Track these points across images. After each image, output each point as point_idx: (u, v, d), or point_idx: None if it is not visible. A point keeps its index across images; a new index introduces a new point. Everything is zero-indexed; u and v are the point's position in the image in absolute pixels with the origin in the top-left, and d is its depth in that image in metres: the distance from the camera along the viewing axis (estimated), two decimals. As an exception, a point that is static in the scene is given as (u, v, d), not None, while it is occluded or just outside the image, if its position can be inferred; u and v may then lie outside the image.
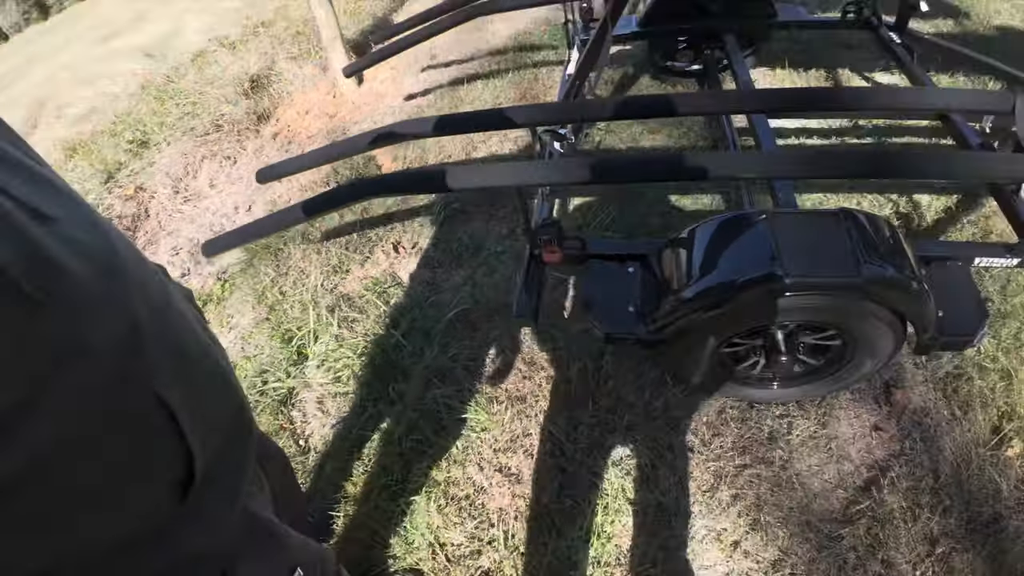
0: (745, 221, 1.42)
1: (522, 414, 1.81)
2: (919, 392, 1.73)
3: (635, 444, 1.68)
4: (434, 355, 1.98)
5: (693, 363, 1.59)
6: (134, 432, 0.52)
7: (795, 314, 1.37)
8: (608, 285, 1.65)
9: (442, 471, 1.70)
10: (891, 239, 1.34)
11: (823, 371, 1.61)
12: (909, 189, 2.27)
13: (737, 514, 1.56)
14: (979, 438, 1.63)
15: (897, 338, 1.40)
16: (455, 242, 2.43)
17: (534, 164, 1.69)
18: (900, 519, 1.50)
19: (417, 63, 3.62)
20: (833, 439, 1.66)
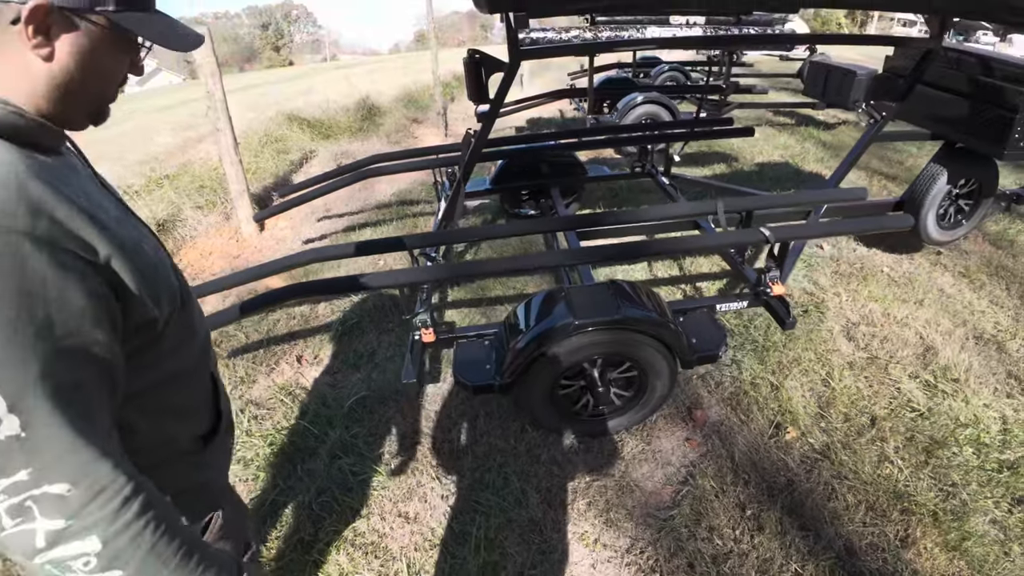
0: (551, 295, 2.08)
1: (415, 470, 2.16)
2: (713, 409, 2.37)
3: (507, 477, 2.09)
4: (338, 435, 2.30)
5: (539, 405, 2.11)
6: (201, 386, 0.92)
7: (592, 348, 1.97)
8: (471, 355, 2.19)
9: (349, 524, 1.96)
10: (647, 295, 2.05)
11: (635, 400, 2.19)
12: (685, 268, 3.17)
13: (593, 517, 1.97)
14: (762, 431, 2.25)
15: (668, 362, 2.04)
16: (351, 352, 2.86)
17: (414, 269, 2.27)
18: (713, 496, 2.01)
19: (314, 214, 4.25)
20: (657, 451, 2.20)
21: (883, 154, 5.64)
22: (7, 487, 0.58)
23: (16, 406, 0.57)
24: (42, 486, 0.59)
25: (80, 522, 0.61)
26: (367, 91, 8.13)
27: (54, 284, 0.59)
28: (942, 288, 3.23)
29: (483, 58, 2.43)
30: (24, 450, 0.58)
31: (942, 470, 2.06)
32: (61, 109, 0.70)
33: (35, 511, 0.60)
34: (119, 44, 0.72)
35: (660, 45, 3.36)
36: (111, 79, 0.74)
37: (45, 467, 0.59)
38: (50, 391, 0.58)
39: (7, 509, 0.59)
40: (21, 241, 0.57)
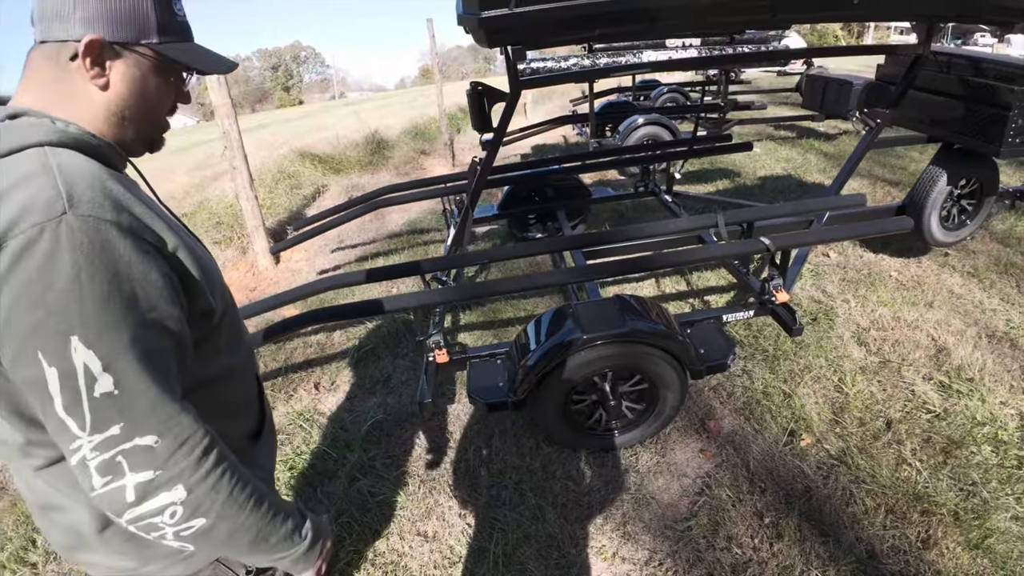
0: (560, 312, 2.13)
1: (433, 490, 2.19)
2: (727, 419, 2.38)
3: (523, 493, 2.11)
4: (356, 457, 2.35)
5: (552, 420, 2.14)
6: (249, 386, 0.99)
7: (601, 361, 2.01)
8: (484, 373, 2.24)
9: (368, 544, 2.00)
10: (654, 308, 2.09)
11: (647, 413, 2.21)
12: (692, 283, 3.20)
13: (610, 530, 1.99)
14: (777, 439, 2.26)
15: (678, 373, 2.07)
16: (367, 377, 2.92)
17: (426, 292, 2.33)
18: (730, 505, 2.01)
19: (327, 246, 4.37)
20: (672, 464, 2.21)
21: (885, 161, 5.68)
22: (99, 443, 0.65)
23: (110, 366, 0.64)
24: (133, 439, 0.66)
25: (167, 472, 0.68)
26: (375, 126, 8.37)
27: (138, 266, 0.67)
28: (951, 289, 3.23)
29: (485, 89, 2.53)
30: (117, 406, 0.65)
31: (961, 470, 2.05)
32: (119, 133, 0.79)
33: (125, 466, 0.66)
34: (165, 72, 0.81)
35: (656, 68, 3.47)
36: (161, 105, 0.83)
37: (135, 421, 0.66)
38: (138, 355, 0.66)
39: (98, 466, 0.65)
40: (110, 229, 0.65)
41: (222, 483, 0.72)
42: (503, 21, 1.78)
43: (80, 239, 0.62)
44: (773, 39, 5.62)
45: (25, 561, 2.07)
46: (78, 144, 0.71)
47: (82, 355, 0.63)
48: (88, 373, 0.63)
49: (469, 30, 1.93)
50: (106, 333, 0.64)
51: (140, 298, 0.67)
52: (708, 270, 3.59)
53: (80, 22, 0.73)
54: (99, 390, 0.64)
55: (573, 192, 3.85)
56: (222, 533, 0.74)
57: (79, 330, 0.62)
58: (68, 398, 0.63)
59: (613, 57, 4.48)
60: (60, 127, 0.71)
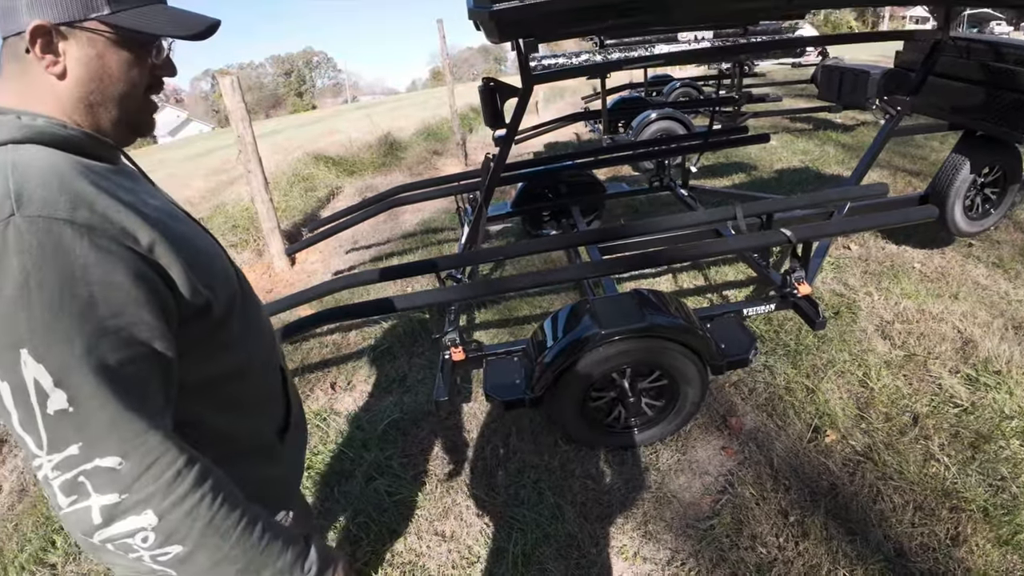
0: (577, 308, 2.10)
1: (451, 489, 2.18)
2: (749, 416, 2.34)
3: (542, 492, 2.09)
4: (373, 457, 2.34)
5: (570, 418, 2.12)
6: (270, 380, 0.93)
7: (620, 357, 1.98)
8: (501, 371, 2.22)
9: (386, 544, 1.99)
10: (672, 303, 2.05)
11: (667, 410, 2.18)
12: (710, 277, 3.16)
13: (631, 530, 1.95)
14: (801, 436, 2.21)
15: (698, 368, 2.04)
16: (383, 377, 2.92)
17: (442, 290, 2.32)
18: (754, 503, 1.97)
19: (342, 247, 4.38)
20: (693, 461, 2.17)
21: (906, 150, 5.56)
22: (59, 462, 0.60)
23: (62, 381, 0.59)
24: (93, 460, 0.60)
25: (134, 496, 0.62)
26: (388, 128, 8.41)
27: (96, 267, 0.61)
28: (976, 280, 3.14)
29: (497, 85, 2.52)
30: (73, 424, 0.60)
31: (990, 464, 1.99)
32: (92, 121, 0.73)
33: (88, 486, 0.61)
34: (126, 45, 0.72)
35: (669, 61, 3.44)
36: (132, 83, 0.74)
37: (94, 440, 0.60)
38: (95, 367, 0.60)
39: (61, 486, 0.61)
40: (62, 228, 0.59)
41: (200, 509, 0.66)
42: (514, 14, 1.76)
43: (28, 241, 0.58)
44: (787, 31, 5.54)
45: (44, 562, 2.09)
46: (44, 138, 0.67)
47: (32, 369, 0.58)
48: (39, 389, 0.58)
49: (480, 24, 1.92)
50: (57, 345, 0.58)
51: (99, 303, 0.61)
52: (726, 264, 3.54)
53: (25, 10, 0.67)
54: (52, 407, 0.59)
55: (587, 188, 3.82)
56: (204, 562, 0.67)
57: (28, 342, 0.58)
58: (22, 414, 0.59)
59: (625, 51, 4.44)
60: (26, 122, 0.67)
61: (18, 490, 2.49)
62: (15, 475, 2.56)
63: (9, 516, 2.33)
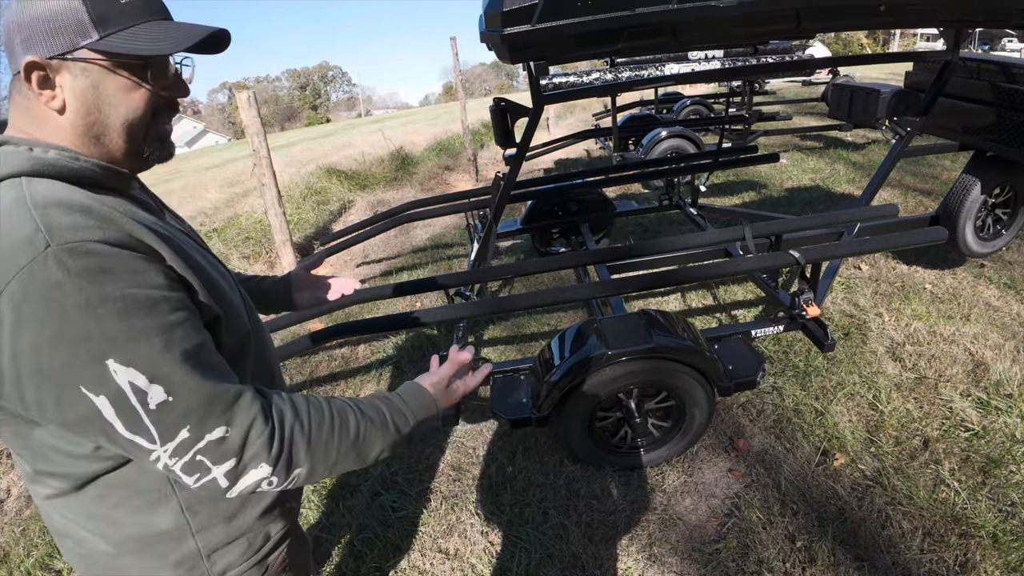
0: (584, 327, 2.11)
1: (455, 507, 2.18)
2: (756, 438, 2.32)
3: (546, 512, 2.09)
4: (378, 472, 2.35)
5: (577, 437, 2.11)
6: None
7: (627, 378, 1.98)
8: (508, 389, 2.23)
9: (390, 560, 1.99)
10: (680, 323, 2.06)
11: (674, 431, 2.17)
12: (719, 297, 3.15)
13: (636, 552, 1.94)
14: (809, 459, 2.19)
15: (705, 388, 2.03)
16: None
17: (451, 307, 2.34)
18: (761, 527, 1.95)
19: (353, 260, 4.43)
20: (700, 483, 2.16)
21: (917, 170, 5.54)
22: (174, 449, 0.65)
23: (156, 376, 0.63)
24: (204, 436, 0.66)
25: (246, 455, 0.68)
26: (400, 143, 8.51)
27: (141, 274, 0.64)
28: (988, 301, 3.12)
29: (508, 105, 2.55)
30: (177, 411, 0.64)
31: (1000, 490, 1.96)
32: (101, 151, 0.72)
33: (207, 461, 0.67)
34: (124, 70, 0.70)
35: (679, 80, 3.46)
36: (131, 108, 0.72)
37: (200, 419, 0.65)
38: (178, 357, 0.64)
39: (183, 469, 0.66)
40: (100, 247, 0.62)
41: (299, 437, 0.72)
42: (525, 37, 1.79)
43: (73, 265, 0.60)
44: (797, 49, 5.56)
45: (50, 568, 2.10)
46: (55, 171, 0.67)
47: (124, 375, 0.61)
48: (137, 389, 0.62)
49: (492, 47, 1.96)
50: (139, 346, 0.62)
51: (159, 302, 0.65)
52: (735, 284, 3.53)
53: (20, 48, 0.67)
54: (153, 401, 0.63)
55: (596, 206, 3.84)
56: (325, 468, 0.75)
57: (111, 352, 0.61)
58: (127, 419, 0.63)
59: (635, 71, 4.48)
60: (37, 155, 0.67)
61: (26, 495, 2.51)
62: (23, 480, 2.60)
63: (16, 521, 2.36)
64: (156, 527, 0.80)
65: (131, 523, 0.79)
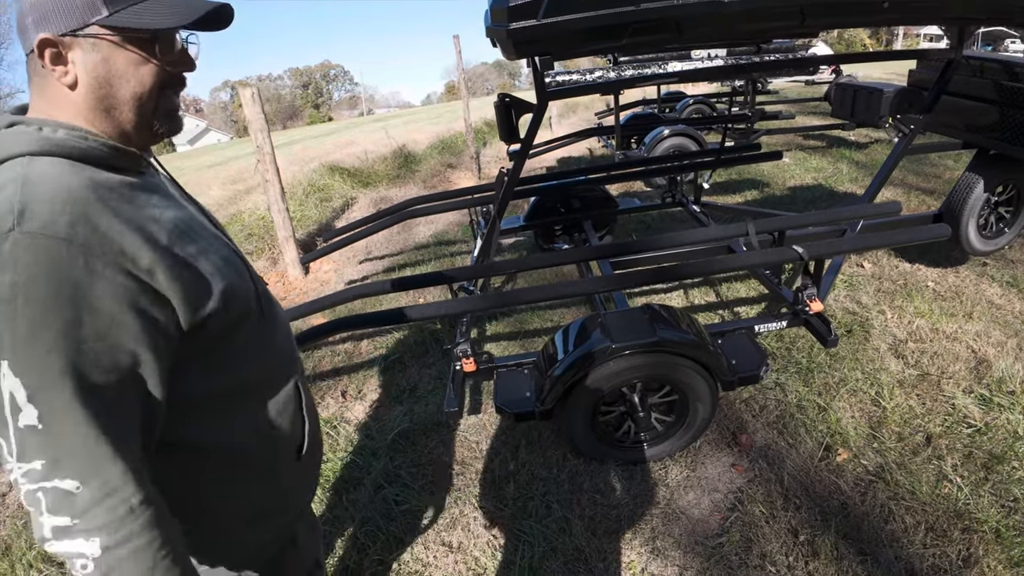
0: (588, 322, 2.12)
1: (459, 500, 2.18)
2: (759, 433, 2.33)
3: (550, 505, 2.09)
4: (382, 466, 2.36)
5: (580, 432, 2.12)
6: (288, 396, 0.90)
7: (630, 372, 1.99)
8: (512, 383, 2.23)
9: (393, 553, 2.00)
10: (683, 318, 2.07)
11: (677, 425, 2.18)
12: (722, 294, 3.15)
13: (639, 545, 1.95)
14: (812, 454, 2.20)
15: (709, 383, 2.04)
16: (394, 386, 2.94)
17: (455, 300, 2.35)
18: (764, 522, 1.96)
19: (355, 257, 4.44)
20: (703, 478, 2.16)
21: (919, 169, 5.54)
22: (25, 472, 0.60)
23: (35, 398, 0.59)
24: (52, 480, 0.60)
25: (84, 523, 0.61)
26: (403, 141, 8.51)
27: (87, 288, 0.61)
28: (991, 299, 3.12)
29: (513, 101, 2.56)
30: (39, 441, 0.59)
31: (1003, 485, 1.97)
32: (113, 126, 0.73)
33: (43, 504, 0.61)
34: (129, 45, 0.71)
35: (683, 78, 3.46)
36: (140, 82, 0.73)
37: (57, 461, 0.60)
38: (70, 388, 0.60)
39: (25, 495, 0.61)
40: (59, 246, 0.60)
41: (145, 553, 0.64)
42: (530, 32, 1.80)
43: (23, 257, 0.58)
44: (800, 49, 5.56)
45: (53, 561, 2.11)
46: (63, 150, 0.67)
47: (9, 382, 0.58)
48: (13, 402, 0.59)
49: (497, 42, 1.96)
50: (35, 361, 0.59)
51: (84, 324, 0.61)
52: (738, 281, 3.54)
53: (33, 27, 0.69)
54: (23, 421, 0.59)
55: (599, 203, 3.85)
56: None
57: (8, 355, 0.58)
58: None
59: (638, 69, 4.48)
60: (46, 134, 0.68)
61: None
62: None
63: (19, 514, 2.36)
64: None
65: None
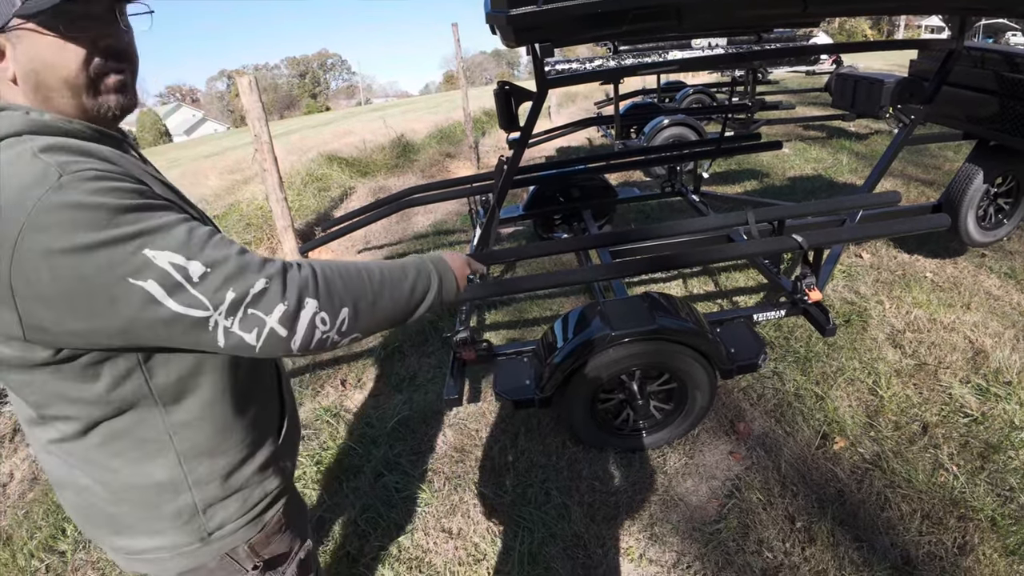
0: (587, 310, 2.12)
1: (458, 487, 2.20)
2: (757, 422, 2.34)
3: (549, 492, 2.11)
4: (382, 453, 2.37)
5: (579, 419, 2.13)
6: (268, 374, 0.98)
7: (630, 359, 1.99)
8: (511, 372, 2.24)
9: (393, 539, 2.01)
10: (682, 306, 2.07)
11: (675, 413, 2.19)
12: (721, 283, 3.16)
13: (637, 532, 1.97)
14: (809, 442, 2.21)
15: (707, 371, 2.05)
16: (393, 375, 2.95)
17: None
18: (761, 508, 1.97)
19: (354, 246, 4.43)
20: (700, 465, 2.18)
21: (919, 160, 5.53)
22: (227, 309, 0.70)
23: (190, 255, 0.69)
24: (248, 291, 0.71)
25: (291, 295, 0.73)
26: (401, 130, 8.47)
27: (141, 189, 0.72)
28: (988, 291, 3.13)
29: (512, 88, 2.54)
30: (217, 278, 0.70)
31: (999, 475, 1.98)
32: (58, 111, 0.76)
33: (259, 313, 0.72)
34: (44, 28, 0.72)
35: (683, 67, 3.44)
36: (62, 63, 0.74)
37: (237, 279, 0.71)
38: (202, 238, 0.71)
39: (241, 327, 0.71)
40: (104, 175, 0.69)
41: (334, 277, 0.79)
42: (531, 18, 1.78)
43: (88, 187, 0.66)
44: (801, 38, 5.53)
45: (54, 549, 2.12)
46: (51, 130, 0.73)
47: (164, 257, 0.67)
48: (179, 267, 0.68)
49: (497, 28, 1.94)
50: (168, 234, 0.68)
51: (166, 204, 0.73)
52: (737, 271, 3.54)
53: None
54: (196, 275, 0.68)
55: (599, 192, 3.83)
56: (368, 308, 0.81)
57: (147, 244, 0.67)
58: (178, 295, 0.68)
59: (638, 57, 4.46)
60: (34, 117, 0.73)
61: (29, 478, 2.53)
62: (26, 463, 2.61)
63: (19, 504, 2.38)
64: (153, 478, 0.83)
65: (130, 472, 0.82)
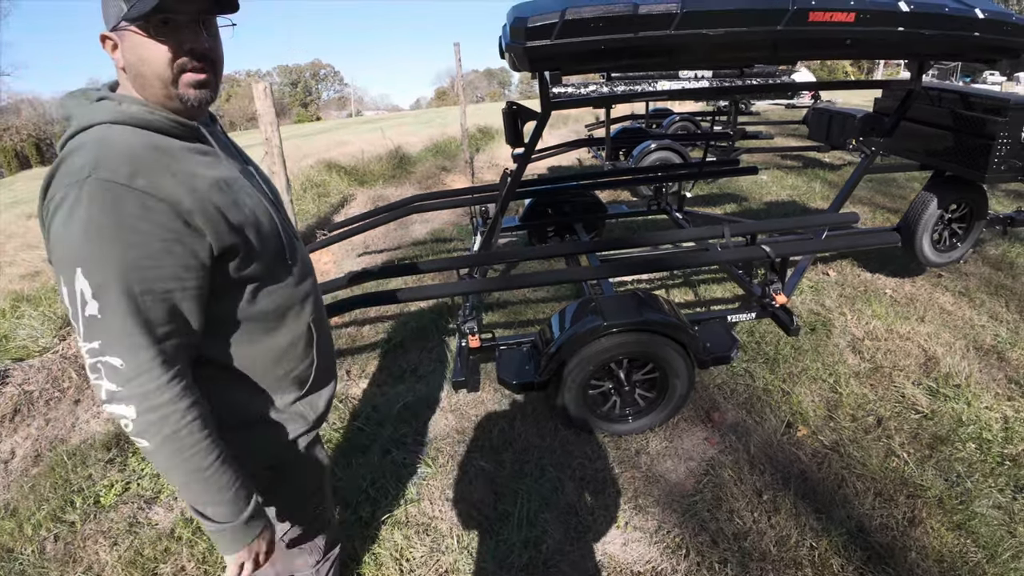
0: (583, 304, 2.38)
1: (460, 464, 2.40)
2: (730, 412, 2.59)
3: (544, 468, 2.32)
4: (388, 434, 2.57)
5: (572, 402, 2.36)
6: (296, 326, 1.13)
7: (618, 348, 2.25)
8: (512, 360, 2.47)
9: (401, 508, 2.20)
10: (665, 304, 2.33)
11: (658, 400, 2.43)
12: (699, 293, 3.43)
13: (623, 503, 2.18)
14: (775, 430, 2.47)
15: (686, 361, 2.30)
16: (396, 367, 3.15)
17: (461, 282, 2.59)
18: (732, 484, 2.21)
19: (354, 251, 4.63)
20: (679, 449, 2.42)
21: (887, 190, 5.94)
22: (88, 349, 0.84)
23: (97, 295, 0.82)
24: (106, 355, 0.83)
25: (126, 390, 0.84)
26: (397, 142, 8.73)
27: (141, 221, 0.83)
28: (943, 306, 3.45)
29: (519, 108, 2.81)
30: (97, 327, 0.83)
31: (946, 463, 2.24)
32: (153, 99, 0.92)
33: (102, 372, 0.84)
34: (141, 31, 0.88)
35: (671, 96, 3.76)
36: (153, 60, 0.90)
37: (109, 342, 0.83)
38: (121, 290, 0.82)
39: (89, 366, 0.85)
40: (121, 190, 0.82)
41: (170, 419, 0.86)
42: (545, 51, 2.06)
43: (95, 194, 0.80)
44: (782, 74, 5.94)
45: (63, 520, 2.24)
46: (133, 121, 0.89)
47: (81, 282, 0.81)
48: (83, 297, 0.82)
49: (514, 57, 2.21)
50: (100, 269, 0.81)
51: (137, 246, 0.83)
52: (714, 282, 3.83)
53: (104, 23, 0.91)
54: (87, 311, 0.82)
55: (590, 207, 4.13)
56: (159, 461, 0.89)
57: (82, 264, 0.81)
58: (73, 311, 0.84)
59: (629, 85, 4.79)
60: (123, 108, 0.89)
61: (33, 455, 2.66)
62: (29, 442, 2.73)
63: (24, 479, 2.50)
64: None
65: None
